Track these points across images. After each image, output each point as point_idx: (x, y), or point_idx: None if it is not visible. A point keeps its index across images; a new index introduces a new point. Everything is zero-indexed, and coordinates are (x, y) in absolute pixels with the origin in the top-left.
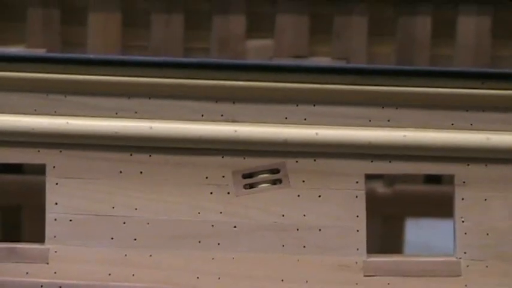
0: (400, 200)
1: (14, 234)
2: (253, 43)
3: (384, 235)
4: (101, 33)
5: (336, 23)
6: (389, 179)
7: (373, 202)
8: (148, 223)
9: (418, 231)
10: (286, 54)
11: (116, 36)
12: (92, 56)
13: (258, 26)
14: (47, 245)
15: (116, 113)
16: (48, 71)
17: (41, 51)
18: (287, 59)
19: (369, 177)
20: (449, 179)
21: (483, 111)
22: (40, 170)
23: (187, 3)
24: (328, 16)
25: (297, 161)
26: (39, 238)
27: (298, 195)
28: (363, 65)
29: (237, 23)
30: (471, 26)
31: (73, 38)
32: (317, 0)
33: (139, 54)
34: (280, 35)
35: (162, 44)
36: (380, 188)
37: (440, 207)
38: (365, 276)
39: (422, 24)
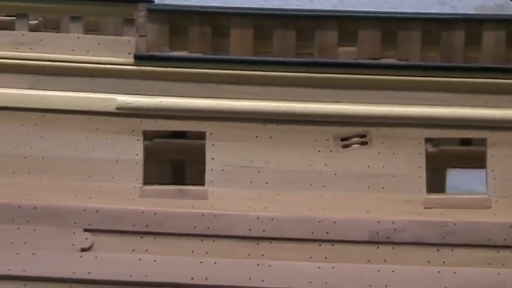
0: (443, 156)
1: (179, 180)
2: (343, 49)
3: (433, 181)
4: (239, 43)
5: (399, 36)
6: (436, 141)
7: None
8: (276, 171)
9: (452, 178)
10: (366, 57)
11: (249, 46)
12: (236, 57)
13: (346, 38)
14: (206, 187)
15: (253, 96)
16: (205, 67)
17: (199, 55)
18: (366, 60)
19: (426, 140)
20: (481, 142)
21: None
22: (200, 135)
23: (297, 23)
24: (394, 31)
25: (377, 129)
26: (200, 182)
27: (379, 153)
28: (422, 63)
29: (332, 36)
30: (492, 38)
31: (219, 47)
32: (386, 21)
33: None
34: (361, 44)
35: (281, 51)
36: (430, 148)
37: (470, 161)
38: (425, 208)
39: (459, 37)
